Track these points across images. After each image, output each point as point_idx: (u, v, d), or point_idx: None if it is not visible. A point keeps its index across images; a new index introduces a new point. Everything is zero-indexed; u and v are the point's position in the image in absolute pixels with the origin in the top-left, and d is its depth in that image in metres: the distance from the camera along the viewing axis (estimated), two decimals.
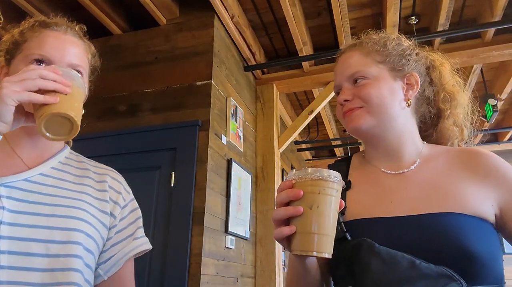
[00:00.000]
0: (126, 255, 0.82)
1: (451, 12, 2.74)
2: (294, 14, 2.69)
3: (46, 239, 0.69)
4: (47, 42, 0.77)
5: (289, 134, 3.44)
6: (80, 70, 0.80)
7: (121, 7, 2.78)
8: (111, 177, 0.88)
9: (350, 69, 0.82)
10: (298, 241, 0.60)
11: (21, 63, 0.77)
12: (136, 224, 0.87)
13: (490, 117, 3.43)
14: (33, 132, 0.79)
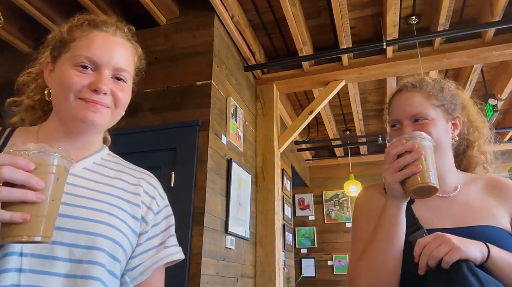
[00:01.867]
0: (155, 264, 0.77)
1: (451, 12, 2.74)
2: (294, 14, 2.68)
3: (71, 243, 0.66)
4: (95, 43, 0.75)
5: (289, 134, 3.44)
6: (125, 74, 0.78)
7: (121, 7, 2.78)
8: (147, 181, 0.85)
9: (413, 109, 0.98)
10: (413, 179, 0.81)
11: (67, 62, 0.75)
12: (168, 232, 0.82)
13: (490, 117, 3.42)
14: (72, 132, 0.77)
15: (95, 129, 0.77)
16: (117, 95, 0.76)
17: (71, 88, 0.72)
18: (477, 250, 0.79)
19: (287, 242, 4.65)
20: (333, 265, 5.74)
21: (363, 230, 1.00)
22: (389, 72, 3.30)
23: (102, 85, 0.72)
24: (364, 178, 5.71)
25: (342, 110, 4.58)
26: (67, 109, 0.73)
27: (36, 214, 0.54)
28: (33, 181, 0.54)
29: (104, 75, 0.74)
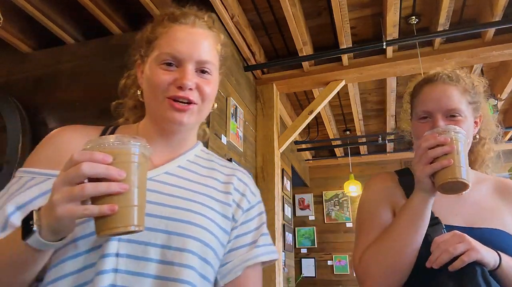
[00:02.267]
0: (244, 263, 0.74)
1: (451, 12, 2.74)
2: (294, 14, 2.68)
3: (163, 244, 0.65)
4: (175, 38, 0.75)
5: (289, 134, 3.44)
6: (209, 66, 0.76)
7: (121, 7, 2.77)
8: (238, 177, 0.83)
9: (451, 104, 0.93)
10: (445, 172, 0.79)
11: (153, 61, 0.75)
12: (260, 230, 0.79)
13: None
14: (165, 131, 0.77)
15: (184, 128, 0.77)
16: (203, 89, 0.74)
17: (159, 87, 0.72)
18: (490, 256, 0.79)
19: (287, 242, 4.65)
20: (333, 265, 5.74)
21: (374, 215, 0.97)
22: (389, 72, 3.30)
23: (186, 80, 0.72)
24: (364, 178, 5.71)
25: (342, 110, 4.58)
26: (157, 109, 0.74)
27: (124, 204, 0.54)
28: (114, 173, 0.54)
29: (188, 70, 0.73)
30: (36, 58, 3.03)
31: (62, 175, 0.54)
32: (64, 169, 0.54)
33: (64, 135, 0.76)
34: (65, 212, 0.52)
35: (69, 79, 2.85)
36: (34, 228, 0.54)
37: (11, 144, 2.61)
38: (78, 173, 0.52)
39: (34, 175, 0.70)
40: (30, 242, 0.54)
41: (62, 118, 2.73)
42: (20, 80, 3.00)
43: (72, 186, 0.53)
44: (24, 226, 0.55)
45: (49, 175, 0.68)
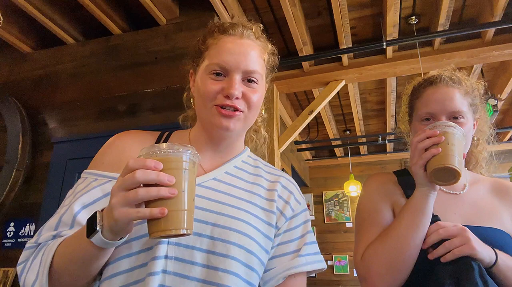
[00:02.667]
0: (286, 271, 0.74)
1: (451, 12, 2.74)
2: (294, 14, 2.68)
3: (208, 250, 0.68)
4: (224, 50, 0.79)
5: (289, 134, 3.44)
6: (256, 76, 0.80)
7: (121, 7, 2.78)
8: (282, 185, 0.85)
9: (454, 106, 0.94)
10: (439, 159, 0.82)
11: (203, 71, 0.80)
12: (303, 239, 0.80)
13: (490, 117, 3.42)
14: (214, 138, 0.82)
15: (231, 134, 0.80)
16: (249, 97, 0.78)
17: (208, 96, 0.77)
18: (486, 254, 0.80)
19: None
20: (333, 265, 5.74)
21: (374, 212, 0.97)
22: (389, 72, 3.30)
23: (233, 90, 0.75)
24: (364, 178, 5.69)
25: (342, 110, 4.58)
26: (206, 116, 0.79)
27: (174, 208, 0.58)
28: (164, 179, 0.58)
29: (234, 80, 0.77)
30: (36, 58, 3.04)
31: (119, 181, 0.60)
32: (122, 175, 0.60)
33: (123, 141, 0.82)
34: (121, 214, 0.57)
35: (69, 79, 2.85)
36: (97, 228, 0.60)
37: (11, 144, 2.61)
38: (133, 180, 0.58)
39: (97, 177, 0.76)
40: (94, 240, 0.60)
41: (62, 118, 2.74)
42: (20, 80, 3.00)
43: (127, 191, 0.58)
44: (89, 225, 0.61)
45: (110, 177, 0.75)
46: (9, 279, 2.34)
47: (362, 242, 0.94)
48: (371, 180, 1.06)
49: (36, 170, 2.63)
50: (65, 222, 0.71)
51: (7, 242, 2.48)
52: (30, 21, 2.73)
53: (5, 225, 2.53)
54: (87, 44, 2.92)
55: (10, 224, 2.52)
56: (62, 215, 0.72)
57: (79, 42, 2.95)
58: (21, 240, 2.46)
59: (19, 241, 2.46)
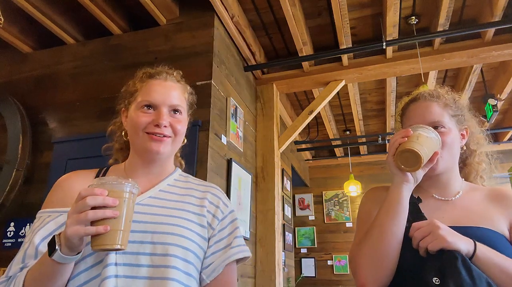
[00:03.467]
0: (224, 262, 0.93)
1: (451, 12, 2.74)
2: (294, 14, 2.69)
3: (151, 253, 0.84)
4: (152, 89, 0.98)
5: (289, 134, 3.45)
6: (179, 109, 0.99)
7: (121, 7, 2.78)
8: (212, 193, 1.02)
9: (433, 117, 1.03)
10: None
11: (135, 107, 0.97)
12: (233, 234, 0.98)
13: (490, 117, 3.43)
14: (146, 160, 0.97)
15: (161, 156, 0.97)
16: (175, 126, 0.96)
17: (139, 126, 0.94)
18: (463, 245, 0.83)
19: (287, 242, 4.65)
20: (333, 265, 5.74)
21: (368, 214, 1.04)
22: (389, 72, 3.30)
23: (162, 120, 0.93)
24: (364, 178, 5.71)
25: (342, 110, 4.59)
26: (139, 143, 0.95)
27: (114, 228, 0.73)
28: (109, 201, 0.73)
29: (162, 112, 0.95)
30: (36, 58, 3.04)
31: (73, 206, 0.74)
32: (75, 202, 0.75)
33: (67, 181, 0.97)
34: (72, 231, 0.72)
35: (69, 79, 2.85)
36: (56, 247, 0.74)
37: (11, 144, 2.61)
38: (84, 204, 0.73)
39: (50, 213, 0.90)
40: (55, 257, 0.74)
41: (62, 118, 2.74)
42: (20, 80, 3.00)
43: (80, 213, 0.72)
44: (50, 247, 0.75)
45: (60, 211, 0.89)
46: None
47: (353, 242, 1.02)
48: (367, 193, 1.15)
49: (36, 170, 2.63)
50: (28, 254, 0.84)
51: (7, 242, 2.49)
52: (30, 21, 2.73)
53: (5, 225, 2.53)
54: (87, 44, 2.92)
55: (10, 224, 2.53)
56: (26, 249, 0.85)
57: (79, 42, 2.95)
58: (21, 240, 2.46)
59: (19, 241, 2.46)
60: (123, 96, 1.04)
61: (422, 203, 1.00)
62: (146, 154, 0.95)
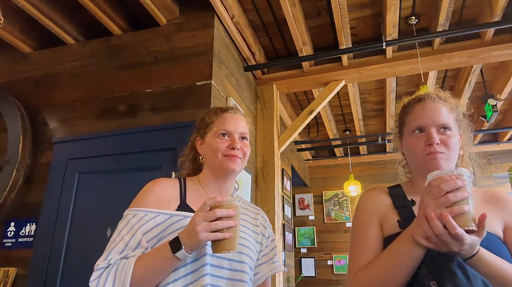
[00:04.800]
0: (267, 273, 1.19)
1: (451, 12, 2.75)
2: (294, 14, 2.69)
3: (230, 258, 1.05)
4: (226, 121, 1.20)
5: (289, 134, 3.45)
6: (246, 136, 1.21)
7: (121, 7, 2.78)
8: (261, 216, 1.27)
9: (442, 119, 1.03)
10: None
11: (213, 135, 1.18)
12: (274, 251, 1.24)
13: (490, 117, 3.43)
14: (219, 178, 1.18)
15: (234, 174, 1.19)
16: (244, 149, 1.19)
17: (219, 150, 1.15)
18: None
19: (287, 242, 4.66)
20: (333, 264, 5.74)
21: (363, 233, 1.02)
22: (389, 72, 3.30)
23: (236, 143, 1.16)
24: (363, 178, 5.72)
25: (342, 110, 4.59)
26: (218, 163, 1.15)
27: (233, 236, 0.93)
28: (233, 212, 0.93)
29: (235, 138, 1.17)
30: (36, 58, 3.04)
31: (201, 215, 0.92)
32: (200, 210, 0.94)
33: (160, 186, 1.13)
34: (205, 237, 0.90)
35: (69, 79, 2.85)
36: (182, 246, 0.92)
37: (11, 144, 2.61)
38: (214, 214, 0.91)
39: (146, 212, 1.05)
40: (179, 255, 0.92)
41: (62, 118, 2.74)
42: (21, 80, 3.00)
43: (209, 222, 0.91)
44: (174, 244, 0.92)
45: (158, 212, 1.05)
46: (10, 279, 2.35)
47: (352, 263, 0.99)
48: (360, 198, 1.12)
49: (36, 170, 2.63)
50: (130, 246, 0.99)
51: (8, 242, 2.49)
52: (30, 21, 2.73)
53: (5, 225, 2.53)
54: (87, 44, 2.93)
55: (11, 224, 2.53)
56: (128, 241, 0.99)
57: (79, 42, 2.95)
58: (21, 240, 2.46)
59: (20, 241, 2.46)
60: (198, 127, 1.26)
61: (418, 205, 1.00)
62: (223, 172, 1.16)
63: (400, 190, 1.09)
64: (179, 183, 1.17)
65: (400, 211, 1.00)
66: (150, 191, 1.12)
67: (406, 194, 1.06)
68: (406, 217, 0.96)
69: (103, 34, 2.85)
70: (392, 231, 0.97)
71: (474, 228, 0.78)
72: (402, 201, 1.03)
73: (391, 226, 0.98)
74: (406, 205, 1.00)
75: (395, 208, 1.02)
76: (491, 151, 5.50)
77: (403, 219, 0.96)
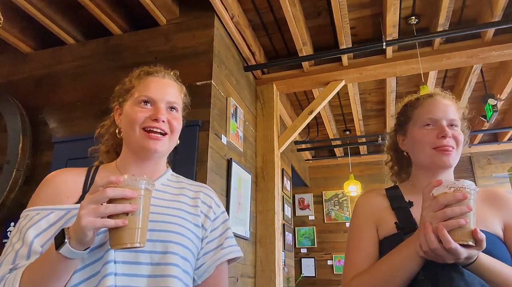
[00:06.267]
0: (215, 262, 0.92)
1: (451, 12, 2.75)
2: (294, 14, 2.69)
3: (150, 250, 0.82)
4: (150, 86, 0.97)
5: (289, 134, 3.45)
6: (176, 106, 0.99)
7: (121, 7, 2.78)
8: (204, 193, 1.00)
9: (453, 115, 1.05)
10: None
11: (132, 103, 0.96)
12: (224, 235, 0.98)
13: (490, 117, 3.43)
14: (141, 159, 0.95)
15: (157, 155, 0.95)
16: (172, 122, 0.95)
17: (136, 121, 0.92)
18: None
19: (287, 242, 4.66)
20: (333, 264, 5.74)
21: (359, 236, 1.02)
22: (389, 72, 3.30)
23: (160, 115, 0.92)
24: (363, 178, 5.72)
25: (342, 110, 4.59)
26: (135, 140, 0.92)
27: (133, 226, 0.71)
28: (129, 193, 0.71)
29: (161, 107, 0.94)
30: (36, 58, 3.04)
31: (89, 197, 0.71)
32: (90, 193, 0.73)
33: (59, 177, 0.93)
34: (89, 223, 0.68)
35: (69, 79, 2.85)
36: (65, 239, 0.70)
37: (11, 144, 2.61)
38: (103, 194, 0.70)
39: (38, 211, 0.85)
40: (63, 251, 0.70)
41: (62, 118, 2.74)
42: (20, 80, 3.00)
43: (96, 205, 0.70)
44: (57, 240, 0.71)
45: (52, 209, 0.85)
46: None
47: (348, 267, 1.00)
48: (359, 199, 1.12)
49: (36, 170, 2.63)
50: (20, 255, 0.79)
51: None
52: (30, 21, 2.73)
53: (5, 225, 2.53)
54: (87, 44, 2.93)
55: (11, 224, 2.53)
56: (18, 249, 0.80)
57: (79, 42, 2.95)
58: None
59: None
60: (118, 94, 1.02)
61: (418, 206, 0.98)
62: (143, 152, 0.93)
63: (398, 191, 1.08)
64: (87, 172, 0.96)
65: (397, 213, 1.00)
66: (44, 185, 0.92)
67: (404, 195, 1.06)
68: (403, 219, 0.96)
69: (103, 34, 2.85)
70: (389, 233, 0.97)
71: (471, 244, 0.76)
72: (399, 203, 1.02)
73: (388, 228, 0.98)
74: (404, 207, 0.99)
75: (392, 209, 1.01)
76: (491, 151, 5.50)
77: (400, 221, 0.96)
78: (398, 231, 0.95)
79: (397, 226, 0.96)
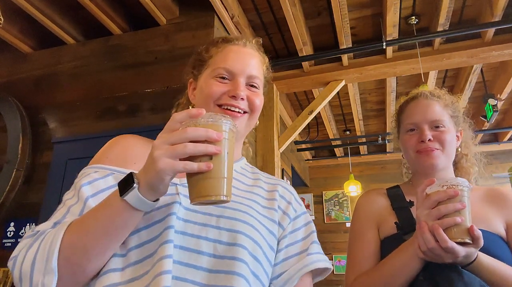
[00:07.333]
0: (299, 271, 0.74)
1: (451, 12, 2.74)
2: (294, 14, 2.69)
3: (215, 239, 0.68)
4: (229, 56, 0.83)
5: (289, 134, 3.44)
6: (258, 82, 0.84)
7: (121, 7, 2.78)
8: (282, 186, 0.87)
9: (434, 115, 1.03)
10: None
11: (207, 76, 0.83)
12: (309, 239, 0.80)
13: (490, 117, 3.43)
14: None
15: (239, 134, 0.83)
16: (253, 100, 0.82)
17: (213, 96, 0.80)
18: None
19: None
20: (333, 264, 5.74)
21: (361, 237, 1.02)
22: (389, 72, 3.30)
23: (240, 91, 0.79)
24: (363, 178, 5.71)
25: (342, 110, 4.59)
26: None
27: (216, 176, 0.58)
28: (213, 134, 0.58)
29: (240, 82, 0.81)
30: (36, 58, 3.04)
31: (164, 136, 0.61)
32: (165, 131, 0.62)
33: (127, 140, 0.84)
34: (167, 165, 0.57)
35: (69, 79, 2.85)
36: (134, 184, 0.58)
37: (11, 144, 2.61)
38: (182, 135, 0.58)
39: (97, 169, 0.75)
40: (130, 198, 0.59)
41: (62, 118, 2.74)
42: (20, 80, 3.00)
43: (175, 145, 0.58)
44: (123, 184, 0.60)
45: (113, 171, 0.75)
46: (9, 279, 2.35)
47: (350, 267, 1.00)
48: (360, 199, 1.13)
49: (36, 170, 2.63)
50: (74, 212, 0.69)
51: (7, 242, 2.49)
52: (30, 21, 2.73)
53: (5, 225, 2.53)
54: (87, 44, 2.92)
55: (10, 224, 2.52)
56: (71, 205, 0.70)
57: (79, 42, 2.95)
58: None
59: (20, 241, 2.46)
60: (192, 65, 0.90)
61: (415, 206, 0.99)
62: None
63: (399, 191, 1.09)
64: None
65: (397, 212, 1.00)
66: (112, 144, 0.82)
67: (404, 195, 1.06)
68: (403, 218, 0.97)
69: (103, 33, 2.85)
70: (390, 232, 0.97)
71: (468, 241, 0.76)
72: (400, 203, 1.03)
73: (388, 228, 0.98)
74: (404, 207, 1.00)
75: (393, 209, 1.02)
76: (491, 151, 5.50)
77: (401, 220, 0.96)
78: (398, 231, 0.95)
79: (397, 226, 0.96)
